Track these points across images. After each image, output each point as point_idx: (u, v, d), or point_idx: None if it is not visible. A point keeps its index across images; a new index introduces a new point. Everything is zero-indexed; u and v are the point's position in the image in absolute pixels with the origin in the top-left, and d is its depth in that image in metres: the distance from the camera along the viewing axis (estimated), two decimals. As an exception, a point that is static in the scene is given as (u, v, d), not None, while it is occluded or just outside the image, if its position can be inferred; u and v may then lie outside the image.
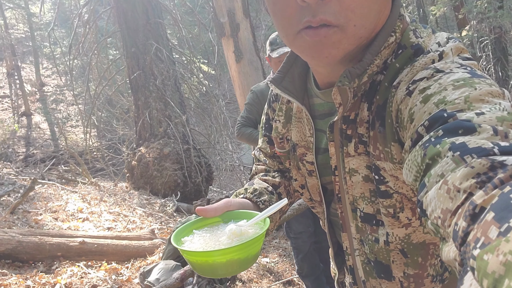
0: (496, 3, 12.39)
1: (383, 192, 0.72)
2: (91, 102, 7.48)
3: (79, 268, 3.27)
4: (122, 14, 6.63)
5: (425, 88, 0.57)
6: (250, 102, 2.81)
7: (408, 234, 0.75)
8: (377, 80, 0.70)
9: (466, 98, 0.50)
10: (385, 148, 0.67)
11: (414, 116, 0.56)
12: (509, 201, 0.32)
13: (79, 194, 5.29)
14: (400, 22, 0.70)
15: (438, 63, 0.63)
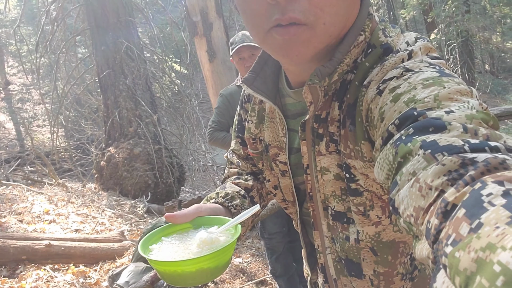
0: (463, 7, 12.80)
1: (353, 190, 0.72)
2: (59, 101, 7.27)
3: (45, 272, 3.16)
4: (91, 12, 6.48)
5: (395, 87, 0.57)
6: (220, 106, 2.76)
7: (378, 232, 0.75)
8: (347, 79, 0.70)
9: (436, 97, 0.50)
10: (355, 146, 0.67)
11: (385, 115, 0.56)
12: (480, 197, 0.32)
13: (46, 195, 5.13)
14: (369, 21, 0.71)
15: (407, 62, 0.63)
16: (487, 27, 13.71)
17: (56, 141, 7.16)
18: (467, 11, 13.02)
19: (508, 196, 0.31)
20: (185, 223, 0.79)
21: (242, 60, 2.60)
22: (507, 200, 0.30)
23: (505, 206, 0.30)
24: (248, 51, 2.59)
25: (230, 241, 0.69)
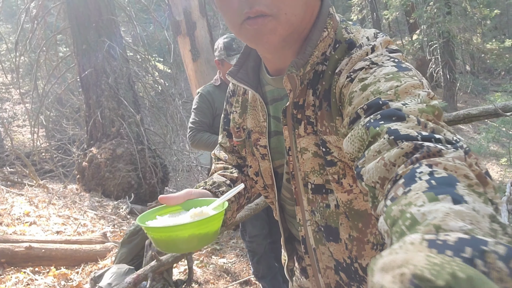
0: (445, 9, 13.00)
1: (329, 162, 0.84)
2: (39, 101, 7.14)
3: (25, 275, 3.10)
4: (73, 10, 6.38)
5: (363, 78, 0.71)
6: (200, 105, 2.72)
7: (350, 200, 0.87)
8: (319, 70, 0.83)
9: (396, 91, 0.64)
10: (330, 123, 0.80)
11: (353, 100, 0.69)
12: (414, 173, 0.48)
13: (26, 197, 5.03)
14: (330, 20, 0.84)
15: (372, 55, 0.76)
16: (468, 28, 13.94)
17: (36, 141, 7.03)
18: (449, 12, 13.22)
19: (431, 175, 0.46)
20: (176, 205, 0.89)
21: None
22: (430, 177, 0.46)
23: (427, 181, 0.45)
24: None
25: (219, 211, 0.79)
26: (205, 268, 3.30)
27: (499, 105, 2.59)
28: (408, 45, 15.41)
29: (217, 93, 2.71)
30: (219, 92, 2.71)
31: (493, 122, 9.30)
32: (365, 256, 0.90)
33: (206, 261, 3.45)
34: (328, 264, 0.95)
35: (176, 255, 2.30)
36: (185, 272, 3.10)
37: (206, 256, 3.57)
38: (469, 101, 15.60)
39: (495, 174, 11.15)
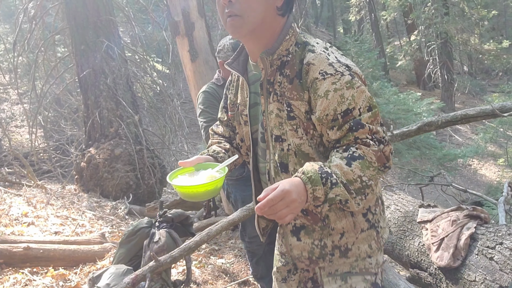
0: (443, 9, 13.02)
1: (291, 117, 1.28)
2: (37, 101, 7.13)
3: (23, 275, 3.10)
4: (71, 10, 6.37)
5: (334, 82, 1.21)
6: (209, 102, 2.63)
7: (300, 144, 1.30)
8: (284, 60, 1.30)
9: (353, 98, 1.21)
10: (299, 93, 1.25)
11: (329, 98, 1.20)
12: (348, 148, 1.21)
13: (24, 197, 5.02)
14: (292, 30, 1.31)
15: (334, 61, 1.24)
16: (466, 29, 13.97)
17: (34, 142, 7.02)
18: (446, 13, 13.26)
19: (353, 152, 1.18)
20: (190, 167, 1.38)
21: None
22: (350, 153, 1.17)
23: (347, 154, 1.18)
24: None
25: (223, 174, 1.29)
26: (204, 269, 3.30)
27: (496, 106, 2.60)
28: (406, 45, 15.45)
29: (221, 92, 2.65)
30: (222, 91, 2.68)
31: (491, 122, 9.33)
32: None
33: (205, 261, 3.45)
34: None
35: (175, 256, 2.30)
36: (183, 273, 3.11)
37: (204, 257, 3.57)
38: (467, 102, 15.62)
39: (493, 174, 11.17)
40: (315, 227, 1.36)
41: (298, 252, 1.39)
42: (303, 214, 1.36)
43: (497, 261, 1.42)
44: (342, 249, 1.35)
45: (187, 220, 2.91)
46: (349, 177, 1.16)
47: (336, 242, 1.35)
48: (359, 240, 1.36)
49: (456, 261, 1.49)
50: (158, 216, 2.83)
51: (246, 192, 2.62)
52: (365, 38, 14.26)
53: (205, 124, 2.61)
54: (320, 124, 1.24)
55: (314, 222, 1.35)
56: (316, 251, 1.36)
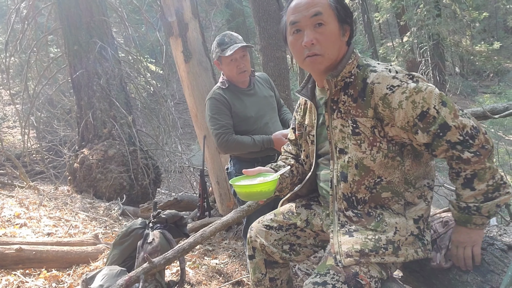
0: (435, 11, 13.11)
1: (356, 132, 1.44)
2: (30, 102, 7.09)
3: (16, 277, 3.07)
4: (64, 11, 6.34)
5: (404, 93, 1.34)
6: (219, 108, 2.59)
7: (363, 157, 1.44)
8: (348, 81, 1.46)
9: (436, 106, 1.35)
10: (364, 110, 1.41)
11: (404, 106, 1.34)
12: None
13: (16, 198, 4.99)
14: (354, 54, 1.48)
15: (398, 74, 1.38)
16: (457, 30, 14.09)
17: (27, 142, 6.98)
18: (438, 15, 13.35)
19: (464, 180, 1.40)
20: (252, 175, 1.65)
21: (234, 61, 2.56)
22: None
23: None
24: (240, 52, 2.56)
25: (275, 178, 1.56)
26: (198, 269, 3.30)
27: (487, 108, 2.64)
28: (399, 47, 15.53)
29: (228, 95, 2.64)
30: (229, 94, 2.64)
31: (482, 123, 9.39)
32: (360, 192, 1.47)
33: (199, 262, 3.45)
34: (341, 195, 1.50)
35: (169, 257, 2.30)
36: (177, 273, 3.10)
37: (198, 257, 3.57)
38: (458, 103, 15.73)
39: (485, 175, 11.25)
40: (368, 227, 1.44)
41: (349, 246, 1.40)
42: (358, 218, 1.47)
43: (489, 262, 1.44)
44: (395, 245, 1.40)
45: (181, 221, 2.90)
46: (482, 192, 1.36)
47: (390, 238, 1.41)
48: (407, 242, 1.42)
49: (447, 261, 1.51)
50: (152, 217, 2.82)
51: None
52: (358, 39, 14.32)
53: (216, 131, 2.59)
54: (405, 132, 1.38)
55: (367, 222, 1.45)
56: (370, 244, 1.39)
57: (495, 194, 1.35)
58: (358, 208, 1.47)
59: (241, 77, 2.65)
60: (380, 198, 1.46)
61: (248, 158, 2.68)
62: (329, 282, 1.33)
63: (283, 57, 6.62)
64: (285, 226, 1.73)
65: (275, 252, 1.73)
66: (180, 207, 4.70)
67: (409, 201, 1.47)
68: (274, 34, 6.38)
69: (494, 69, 16.22)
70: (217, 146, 2.63)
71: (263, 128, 2.68)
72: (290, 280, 1.87)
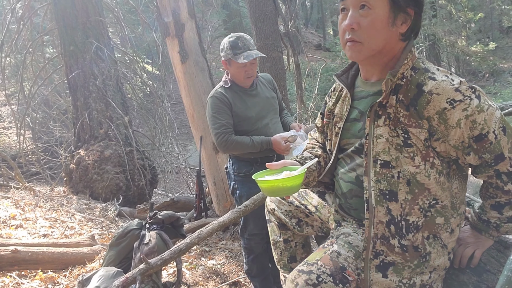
0: (430, 12, 13.16)
1: (408, 144, 1.25)
2: (26, 102, 7.06)
3: (11, 279, 3.06)
4: (59, 11, 6.32)
5: (466, 110, 1.19)
6: (220, 108, 2.58)
7: (416, 173, 1.26)
8: (399, 84, 1.27)
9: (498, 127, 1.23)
10: (418, 121, 1.23)
11: (462, 126, 1.20)
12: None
13: (12, 199, 4.97)
14: (411, 54, 1.28)
15: (458, 87, 1.20)
16: (453, 31, 14.15)
17: (23, 143, 6.95)
18: (434, 15, 13.40)
19: (495, 202, 1.35)
20: (277, 169, 1.50)
21: (244, 67, 2.55)
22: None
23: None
24: (253, 60, 2.56)
25: (302, 171, 1.42)
26: (194, 270, 3.29)
27: (483, 107, 2.64)
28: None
29: (230, 94, 2.63)
30: (231, 93, 2.64)
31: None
32: (412, 214, 1.29)
33: (195, 262, 3.44)
34: (382, 219, 1.31)
35: (165, 258, 2.30)
36: (174, 274, 3.10)
37: (195, 258, 3.57)
38: (455, 103, 15.76)
39: (481, 175, 11.31)
40: (408, 265, 1.32)
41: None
42: (402, 251, 1.31)
43: (485, 262, 1.44)
44: (427, 286, 1.34)
45: (177, 222, 2.90)
46: (507, 217, 1.32)
47: (425, 281, 1.33)
48: (439, 279, 1.39)
49: (444, 261, 1.51)
50: (149, 218, 2.82)
51: (253, 190, 2.62)
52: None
53: (216, 131, 2.59)
54: (456, 151, 1.25)
55: (410, 259, 1.31)
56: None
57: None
58: (407, 238, 1.30)
59: (247, 81, 2.66)
60: (434, 224, 1.30)
61: (247, 158, 2.69)
62: (314, 272, 1.30)
63: (280, 57, 6.63)
64: (296, 203, 1.75)
65: (283, 219, 1.79)
66: (177, 207, 4.69)
67: (453, 228, 1.35)
68: (270, 34, 6.39)
69: (489, 69, 16.29)
70: (217, 145, 2.63)
71: (263, 129, 2.68)
72: (307, 245, 1.91)
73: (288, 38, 7.19)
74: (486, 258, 1.44)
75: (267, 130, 2.68)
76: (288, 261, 1.88)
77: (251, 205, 2.51)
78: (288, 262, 1.88)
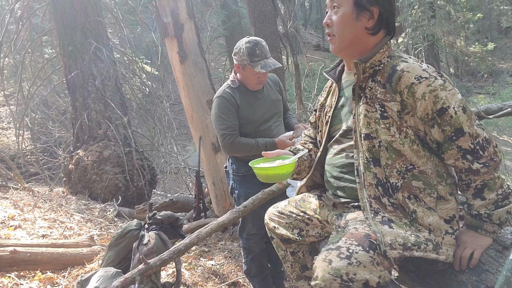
0: (429, 12, 13.17)
1: (384, 116, 1.45)
2: (24, 103, 7.05)
3: (10, 279, 3.06)
4: (58, 11, 6.31)
5: (430, 86, 1.38)
6: (227, 108, 2.56)
7: (392, 141, 1.45)
8: (377, 69, 1.50)
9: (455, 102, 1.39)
10: (392, 95, 1.43)
11: (426, 98, 1.37)
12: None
13: (11, 200, 4.96)
14: (387, 46, 1.52)
15: (425, 68, 1.42)
16: (452, 31, 14.16)
17: (21, 144, 6.94)
18: (433, 16, 13.41)
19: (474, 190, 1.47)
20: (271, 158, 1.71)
21: (258, 74, 2.54)
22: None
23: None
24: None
25: (293, 160, 1.64)
26: (193, 270, 3.29)
27: (482, 108, 2.66)
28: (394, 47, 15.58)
29: (237, 94, 2.61)
30: (239, 94, 2.61)
31: (477, 124, 9.43)
32: (392, 177, 1.47)
33: (194, 263, 3.44)
34: (371, 182, 1.48)
35: (164, 258, 2.30)
36: (173, 275, 3.10)
37: (194, 258, 3.56)
38: (453, 103, 15.79)
39: (479, 175, 11.32)
40: (404, 222, 1.44)
41: (392, 237, 1.38)
42: (393, 208, 1.46)
43: (483, 262, 1.44)
44: (434, 242, 1.41)
45: (176, 222, 2.90)
46: (492, 201, 1.41)
47: (427, 236, 1.42)
48: (447, 242, 1.44)
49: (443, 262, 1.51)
50: (148, 218, 2.82)
51: (251, 190, 2.63)
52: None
53: (222, 132, 2.58)
54: (423, 124, 1.42)
55: (403, 216, 1.45)
56: (411, 239, 1.39)
57: (505, 202, 1.41)
58: (394, 197, 1.47)
59: (256, 87, 2.65)
60: (411, 186, 1.46)
61: (246, 158, 2.67)
62: (342, 245, 1.33)
63: (279, 57, 6.63)
64: (295, 213, 1.83)
65: (284, 234, 1.85)
66: (176, 208, 4.69)
67: (442, 195, 1.46)
68: (269, 35, 6.39)
69: (488, 69, 16.33)
70: (222, 146, 2.63)
71: (266, 131, 2.67)
72: (314, 250, 1.96)
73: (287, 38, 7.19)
74: (485, 258, 1.44)
75: (269, 132, 2.67)
76: (301, 271, 1.94)
77: (250, 205, 2.51)
78: (301, 271, 1.95)
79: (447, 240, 1.44)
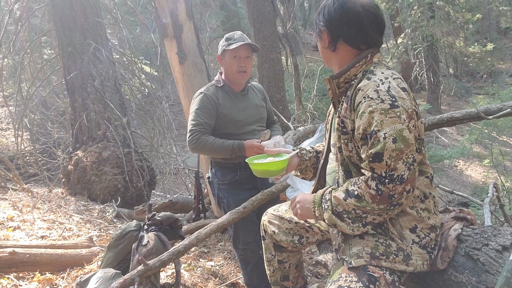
0: (428, 13, 13.17)
1: (343, 132, 1.49)
2: (23, 103, 7.04)
3: (9, 281, 3.05)
4: (57, 12, 6.30)
5: (371, 106, 1.37)
6: (204, 106, 2.55)
7: (350, 156, 1.50)
8: (351, 84, 1.51)
9: (381, 124, 1.35)
10: (349, 112, 1.45)
11: (363, 118, 1.38)
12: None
13: (10, 201, 4.95)
14: (365, 59, 1.50)
15: (380, 89, 1.39)
16: (451, 32, 14.16)
17: (20, 145, 6.93)
18: (432, 16, 13.41)
19: (351, 189, 1.43)
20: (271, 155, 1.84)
21: (238, 59, 2.55)
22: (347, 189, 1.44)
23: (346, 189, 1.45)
24: (246, 52, 2.56)
25: (284, 159, 1.74)
26: (193, 271, 3.29)
27: (481, 109, 2.65)
28: (393, 48, 15.57)
29: (221, 94, 2.62)
30: (222, 93, 2.63)
31: (476, 124, 9.44)
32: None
33: (194, 264, 3.44)
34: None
35: (164, 259, 2.29)
36: (172, 276, 3.09)
37: (193, 259, 3.56)
38: (452, 104, 15.83)
39: (478, 175, 11.33)
40: (379, 231, 1.47)
41: (359, 248, 1.43)
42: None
43: (483, 263, 1.44)
44: (405, 253, 1.43)
45: (176, 223, 2.90)
46: (345, 208, 1.42)
47: (400, 245, 1.44)
48: (416, 252, 1.44)
49: (443, 263, 1.51)
50: (147, 219, 2.81)
51: (240, 197, 2.59)
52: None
53: (191, 127, 2.55)
54: (358, 141, 1.42)
55: (377, 225, 1.46)
56: (381, 248, 1.42)
57: (352, 218, 1.41)
58: None
59: (239, 77, 2.63)
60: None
61: (231, 164, 2.64)
62: (343, 285, 1.35)
63: (278, 58, 6.63)
64: (296, 219, 1.86)
65: (283, 240, 1.89)
66: (175, 209, 4.69)
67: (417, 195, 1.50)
68: (269, 35, 6.39)
69: (487, 70, 16.32)
70: (187, 142, 2.57)
71: (249, 134, 2.63)
72: (300, 264, 2.03)
73: (287, 39, 7.20)
74: (485, 259, 1.44)
75: (252, 136, 2.63)
76: (280, 280, 2.01)
77: (250, 206, 2.50)
78: (280, 280, 2.01)
79: (415, 250, 1.45)
